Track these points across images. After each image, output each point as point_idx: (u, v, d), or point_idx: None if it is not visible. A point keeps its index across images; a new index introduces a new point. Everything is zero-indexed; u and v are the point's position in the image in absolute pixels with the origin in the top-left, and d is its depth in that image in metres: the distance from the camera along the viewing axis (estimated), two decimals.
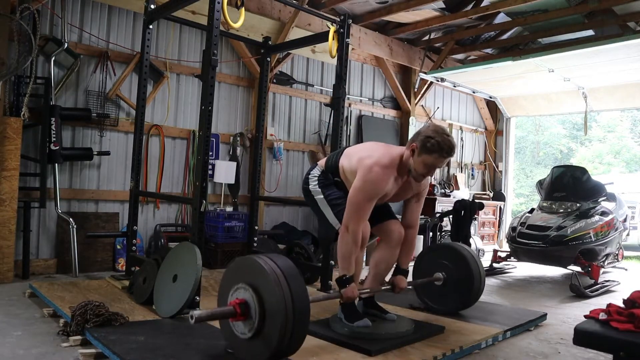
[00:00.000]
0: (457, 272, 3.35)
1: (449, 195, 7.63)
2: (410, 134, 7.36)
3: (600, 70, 5.73)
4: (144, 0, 4.09)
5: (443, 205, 7.04)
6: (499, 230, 8.25)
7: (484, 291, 4.73)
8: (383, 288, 3.02)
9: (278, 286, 2.07)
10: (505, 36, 7.28)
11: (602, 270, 5.19)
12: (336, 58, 4.13)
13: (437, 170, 8.11)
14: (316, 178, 3.00)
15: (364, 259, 3.58)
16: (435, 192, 7.45)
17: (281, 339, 2.06)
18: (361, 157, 2.79)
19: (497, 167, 8.86)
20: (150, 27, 4.14)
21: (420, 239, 5.59)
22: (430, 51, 7.47)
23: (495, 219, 8.24)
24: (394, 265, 3.08)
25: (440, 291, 3.42)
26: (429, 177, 2.90)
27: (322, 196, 2.95)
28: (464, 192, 7.91)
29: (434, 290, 3.46)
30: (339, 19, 4.12)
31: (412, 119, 7.45)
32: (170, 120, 5.29)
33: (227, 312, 2.17)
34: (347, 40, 4.10)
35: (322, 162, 3.10)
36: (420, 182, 2.92)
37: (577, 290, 4.54)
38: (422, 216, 5.93)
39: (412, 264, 3.34)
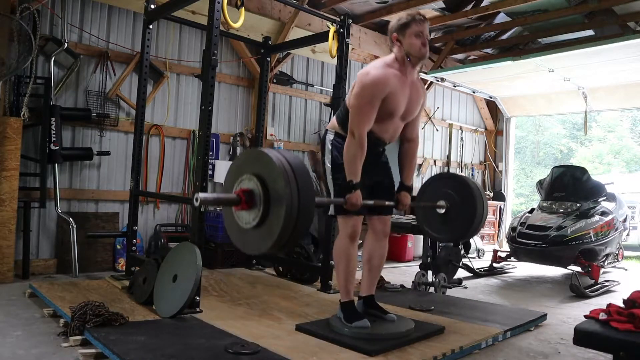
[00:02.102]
0: (461, 201, 3.22)
1: None
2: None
3: (600, 70, 5.73)
4: (144, 0, 4.09)
5: None
6: (499, 230, 8.25)
7: (484, 291, 4.74)
8: (387, 203, 2.93)
9: (283, 173, 2.01)
10: (505, 36, 7.28)
11: (602, 270, 5.20)
12: (336, 58, 4.13)
13: (437, 170, 8.15)
14: (330, 152, 2.94)
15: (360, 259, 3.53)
16: None
17: (285, 226, 1.99)
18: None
19: (497, 167, 8.86)
20: (150, 27, 4.14)
21: (420, 239, 5.59)
22: (431, 51, 7.45)
23: (495, 219, 8.24)
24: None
25: (442, 220, 3.31)
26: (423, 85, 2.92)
27: (331, 180, 2.92)
28: None
29: (435, 219, 3.35)
30: (339, 19, 4.12)
31: None
32: (170, 120, 5.29)
33: (232, 199, 2.12)
34: (347, 40, 4.11)
35: (332, 123, 3.02)
36: (421, 85, 2.91)
37: (577, 290, 4.54)
38: None
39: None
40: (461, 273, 5.23)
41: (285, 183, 2.00)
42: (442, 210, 3.26)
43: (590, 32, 6.49)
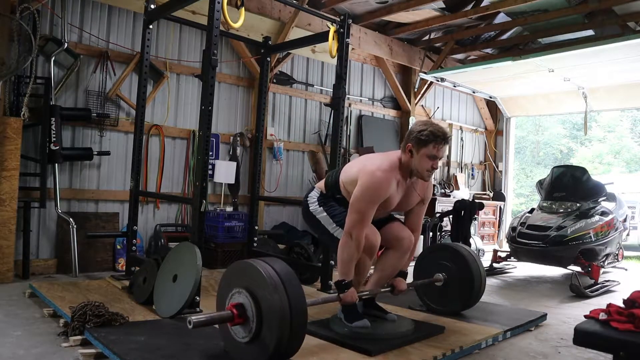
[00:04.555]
0: (458, 273, 3.35)
1: (449, 195, 7.63)
2: None
3: (600, 70, 5.73)
4: (144, 0, 4.09)
5: (443, 205, 7.03)
6: (499, 230, 8.24)
7: (484, 291, 4.74)
8: (382, 290, 3.01)
9: (274, 289, 2.07)
10: (505, 36, 7.28)
11: (602, 270, 5.19)
12: (336, 58, 4.13)
13: (437, 171, 8.14)
14: (316, 198, 2.99)
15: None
16: (435, 192, 7.44)
17: (279, 342, 2.06)
18: (362, 166, 2.78)
19: (497, 167, 8.86)
20: (150, 27, 4.14)
21: (420, 239, 5.59)
22: (430, 51, 7.47)
23: (495, 219, 8.23)
24: None
25: (441, 292, 3.41)
26: (432, 180, 2.95)
27: (325, 214, 2.93)
28: (464, 192, 7.91)
29: (434, 291, 3.46)
30: (339, 19, 4.12)
31: (412, 119, 7.45)
32: (170, 120, 5.29)
33: (225, 316, 2.18)
34: (347, 40, 4.10)
35: (320, 184, 3.07)
36: (426, 183, 2.93)
37: (577, 290, 4.54)
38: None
39: (412, 264, 3.33)
40: None
41: (277, 300, 2.05)
42: (440, 283, 3.33)
43: (590, 32, 6.48)
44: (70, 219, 4.43)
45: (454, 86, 6.89)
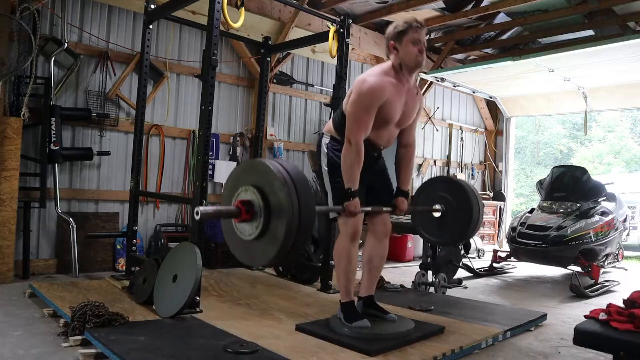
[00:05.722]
0: (456, 204, 3.27)
1: None
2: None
3: (600, 70, 5.73)
4: (144, 0, 4.10)
5: None
6: (499, 230, 8.25)
7: (484, 291, 4.74)
8: (384, 209, 2.96)
9: (283, 183, 2.02)
10: (505, 36, 7.28)
11: (602, 270, 5.20)
12: (336, 58, 4.13)
13: (437, 170, 8.15)
14: (326, 155, 2.94)
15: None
16: None
17: (288, 235, 2.01)
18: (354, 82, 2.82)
19: (497, 167, 8.86)
20: (150, 27, 4.14)
21: (420, 239, 5.59)
22: (430, 51, 7.46)
23: (495, 219, 8.24)
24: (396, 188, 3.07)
25: (438, 223, 3.35)
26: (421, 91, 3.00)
27: (329, 186, 2.92)
28: None
29: (431, 223, 3.39)
30: (339, 19, 4.13)
31: None
32: (170, 120, 5.29)
33: (233, 211, 2.13)
34: (347, 40, 4.11)
35: (328, 127, 3.04)
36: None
37: (577, 290, 4.54)
38: None
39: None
40: (461, 273, 5.23)
41: (285, 192, 2.00)
42: (438, 214, 3.29)
43: (590, 32, 6.49)
44: (70, 219, 4.43)
45: (454, 86, 6.89)
